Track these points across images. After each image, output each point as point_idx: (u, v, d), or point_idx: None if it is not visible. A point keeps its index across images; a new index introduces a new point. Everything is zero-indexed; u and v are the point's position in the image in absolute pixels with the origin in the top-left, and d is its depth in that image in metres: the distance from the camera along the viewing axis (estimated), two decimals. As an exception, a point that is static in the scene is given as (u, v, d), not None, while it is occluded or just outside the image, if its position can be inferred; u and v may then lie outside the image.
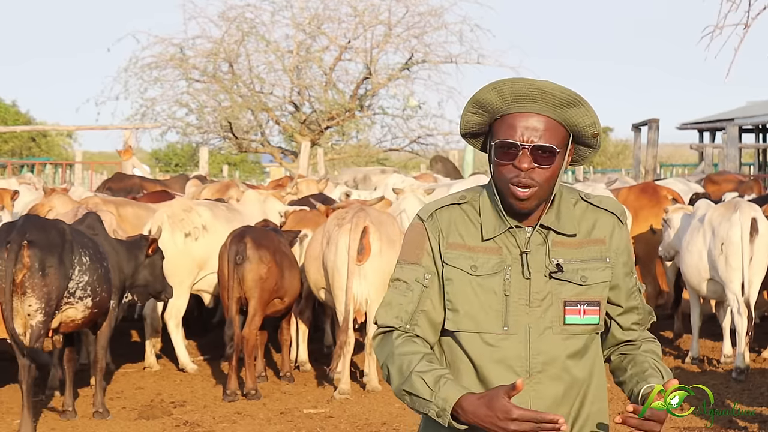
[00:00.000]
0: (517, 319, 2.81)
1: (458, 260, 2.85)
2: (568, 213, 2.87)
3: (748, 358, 9.54)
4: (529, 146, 2.77)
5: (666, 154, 51.67)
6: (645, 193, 12.01)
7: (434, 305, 2.86)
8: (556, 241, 2.85)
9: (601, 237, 2.89)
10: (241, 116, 30.23)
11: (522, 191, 2.77)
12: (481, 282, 2.83)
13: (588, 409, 2.93)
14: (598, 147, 2.90)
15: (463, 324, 2.84)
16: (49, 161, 34.64)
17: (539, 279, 2.82)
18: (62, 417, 8.25)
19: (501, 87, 2.79)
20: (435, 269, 2.87)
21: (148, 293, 8.93)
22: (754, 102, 37.22)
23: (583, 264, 2.85)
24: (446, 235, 2.88)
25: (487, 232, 2.85)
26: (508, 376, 2.79)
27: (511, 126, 2.79)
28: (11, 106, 48.51)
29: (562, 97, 2.78)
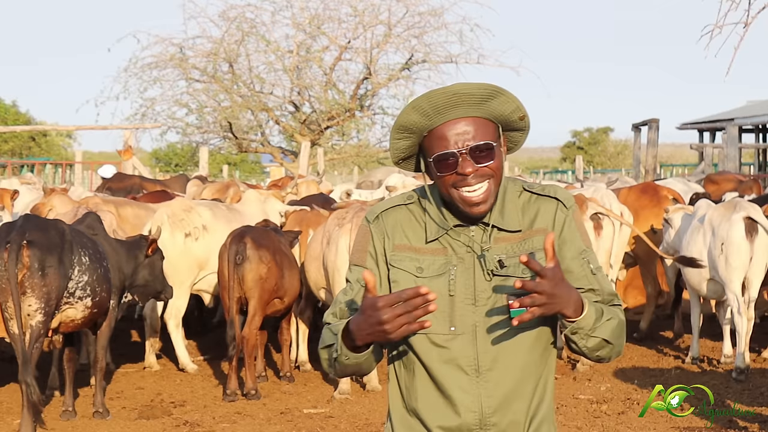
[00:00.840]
0: (464, 319, 2.81)
1: (404, 262, 2.86)
2: (512, 207, 2.87)
3: (749, 358, 9.54)
4: (466, 150, 2.77)
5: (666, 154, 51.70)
6: (645, 193, 12.01)
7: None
8: (499, 237, 2.84)
9: (543, 226, 2.87)
10: (241, 116, 30.22)
11: (474, 194, 2.78)
12: (426, 283, 2.82)
13: (547, 404, 2.88)
14: (528, 128, 2.91)
15: None
16: (49, 161, 34.64)
17: (482, 277, 2.82)
18: (62, 417, 8.25)
19: (419, 104, 2.78)
20: (377, 271, 2.88)
21: (148, 293, 8.93)
22: (754, 102, 37.24)
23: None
24: (392, 236, 2.89)
25: (431, 233, 2.86)
26: (458, 376, 2.80)
27: (441, 137, 2.79)
28: (11, 106, 48.52)
29: (480, 94, 2.78)
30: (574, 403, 8.72)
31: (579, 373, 9.92)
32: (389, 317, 2.60)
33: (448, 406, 2.83)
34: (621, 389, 9.19)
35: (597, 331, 2.75)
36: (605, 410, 8.43)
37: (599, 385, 9.40)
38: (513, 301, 2.64)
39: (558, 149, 61.84)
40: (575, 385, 9.47)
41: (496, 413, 2.81)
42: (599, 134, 57.50)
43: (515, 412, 2.82)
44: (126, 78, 29.74)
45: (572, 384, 9.55)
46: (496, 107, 2.81)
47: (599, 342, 2.77)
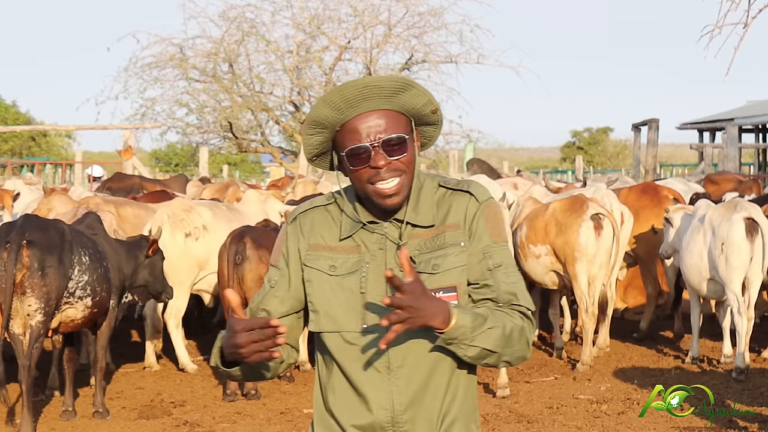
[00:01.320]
0: (375, 317, 2.79)
1: (318, 261, 2.87)
2: (427, 204, 2.86)
3: (748, 358, 9.54)
4: (378, 143, 2.77)
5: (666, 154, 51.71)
6: (646, 193, 12.01)
7: (278, 305, 2.89)
8: (413, 233, 2.83)
9: (455, 221, 2.85)
10: (241, 116, 30.21)
11: (387, 186, 2.77)
12: (339, 281, 2.83)
13: (460, 403, 2.85)
14: (441, 122, 2.91)
15: (324, 324, 2.86)
16: (49, 161, 34.64)
17: (396, 274, 2.76)
18: (62, 417, 8.25)
19: (330, 98, 2.78)
20: (288, 271, 2.90)
21: (148, 293, 8.93)
22: (753, 102, 37.23)
23: (437, 252, 2.82)
24: (308, 237, 2.89)
25: (345, 231, 2.86)
26: (370, 374, 2.80)
27: (353, 131, 2.79)
28: (11, 106, 48.52)
29: (391, 87, 2.78)
30: (574, 403, 8.73)
31: (579, 373, 9.93)
32: (244, 342, 2.63)
33: (361, 404, 2.83)
34: (621, 389, 9.19)
35: (476, 341, 2.70)
36: (605, 410, 8.43)
37: (599, 385, 9.40)
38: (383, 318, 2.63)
39: (558, 149, 61.85)
40: (575, 385, 9.47)
41: (408, 410, 2.80)
42: (599, 134, 57.50)
43: (427, 409, 2.81)
44: (126, 78, 29.75)
45: (572, 384, 9.55)
46: (408, 100, 2.81)
47: (480, 351, 2.72)
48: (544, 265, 10.34)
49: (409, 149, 2.81)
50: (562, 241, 10.10)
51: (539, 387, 9.51)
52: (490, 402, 8.88)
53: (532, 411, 8.53)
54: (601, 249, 10.03)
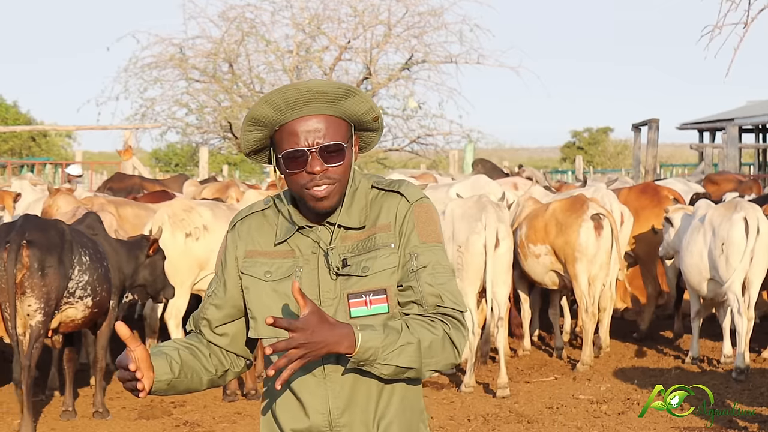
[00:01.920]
0: None
1: (254, 268, 2.87)
2: (359, 206, 2.85)
3: (748, 358, 9.54)
4: (316, 149, 2.76)
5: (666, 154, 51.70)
6: (646, 193, 12.01)
7: (215, 312, 2.92)
8: (345, 236, 2.83)
9: (386, 222, 2.83)
10: (241, 116, 30.21)
11: (319, 190, 2.76)
12: (275, 287, 2.83)
13: (397, 404, 2.82)
14: (381, 129, 2.91)
15: (262, 331, 2.86)
16: (49, 161, 34.64)
17: (327, 277, 2.80)
18: (62, 417, 8.25)
19: (272, 98, 2.76)
20: (224, 279, 2.91)
21: (148, 293, 8.92)
22: (753, 102, 37.23)
23: (368, 254, 2.80)
24: (245, 244, 2.90)
25: (280, 236, 2.86)
26: (306, 378, 2.80)
27: (292, 133, 2.77)
28: (12, 106, 48.53)
29: (334, 93, 2.77)
30: (574, 403, 8.73)
31: (579, 373, 9.93)
32: (119, 377, 2.73)
33: (299, 409, 2.83)
34: (621, 389, 9.19)
35: (388, 359, 2.66)
36: (605, 410, 8.43)
37: (599, 385, 9.40)
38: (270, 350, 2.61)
39: (558, 149, 61.84)
40: (575, 385, 9.47)
41: (344, 414, 2.79)
42: (599, 134, 57.49)
43: (363, 412, 2.80)
44: (126, 78, 29.75)
45: (572, 384, 9.55)
46: (349, 107, 2.80)
47: (395, 369, 2.68)
48: (544, 264, 10.34)
49: (346, 157, 2.80)
50: (562, 241, 10.10)
51: (539, 387, 9.51)
52: (490, 402, 8.88)
53: (532, 411, 8.53)
54: (601, 249, 10.03)
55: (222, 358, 2.96)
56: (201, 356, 2.92)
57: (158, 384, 2.78)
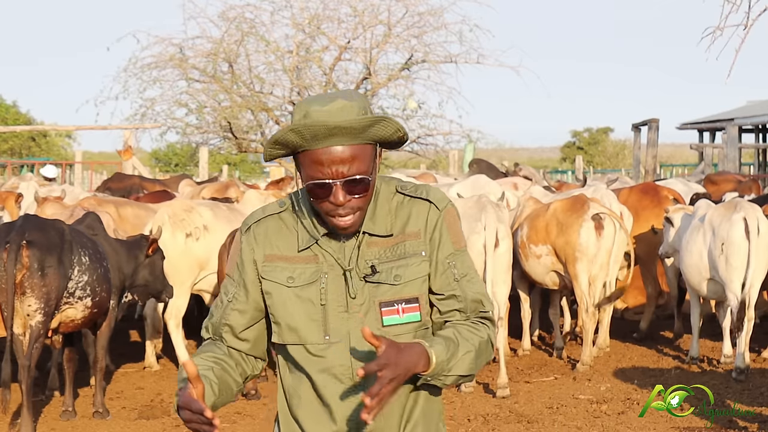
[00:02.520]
0: (338, 327, 2.79)
1: (275, 273, 2.83)
2: (384, 212, 2.83)
3: (748, 358, 9.54)
4: (341, 181, 2.72)
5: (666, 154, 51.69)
6: (646, 193, 12.01)
7: (239, 318, 2.90)
8: (372, 241, 2.80)
9: (415, 230, 2.82)
10: (240, 116, 30.21)
11: (344, 222, 2.74)
12: (298, 293, 2.81)
13: (422, 407, 2.86)
14: (406, 141, 2.89)
15: (287, 337, 2.84)
16: (49, 161, 34.64)
17: (356, 283, 2.78)
18: (62, 417, 8.25)
19: (299, 129, 2.72)
20: (244, 283, 2.87)
21: (148, 293, 8.92)
22: (754, 102, 37.22)
23: (398, 262, 2.79)
24: (263, 248, 2.85)
25: (303, 242, 2.82)
26: (335, 385, 2.80)
27: (318, 162, 2.72)
28: (11, 106, 48.52)
29: (361, 126, 2.72)
30: (574, 403, 8.73)
31: (579, 373, 9.93)
32: (185, 418, 2.65)
33: (325, 414, 2.83)
34: (621, 389, 9.19)
35: (453, 370, 2.73)
36: (605, 410, 8.43)
37: (599, 385, 9.40)
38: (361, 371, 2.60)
39: (558, 149, 61.84)
40: (575, 385, 9.47)
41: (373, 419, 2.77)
42: (599, 134, 57.49)
43: (390, 417, 2.81)
44: (126, 78, 29.72)
45: (572, 384, 9.55)
46: (376, 132, 2.76)
47: (456, 378, 2.76)
48: (545, 265, 10.34)
49: (370, 185, 2.76)
50: (562, 241, 10.10)
51: (539, 387, 9.51)
52: (490, 402, 8.88)
53: (532, 411, 8.53)
54: (601, 249, 10.03)
55: (244, 364, 2.95)
56: (229, 369, 2.93)
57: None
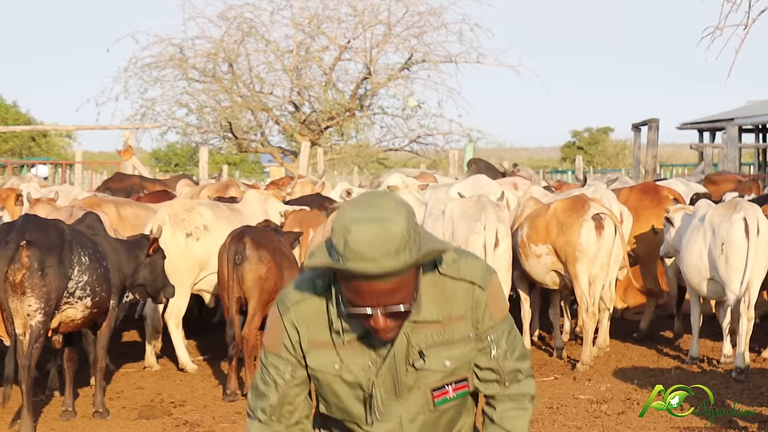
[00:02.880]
0: (388, 410, 2.82)
1: (320, 359, 2.81)
2: (429, 297, 2.80)
3: (748, 358, 9.54)
4: (383, 312, 2.68)
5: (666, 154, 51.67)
6: (646, 193, 12.00)
7: (300, 392, 2.87)
8: (418, 327, 2.79)
9: (462, 312, 2.82)
10: (240, 116, 30.21)
11: (384, 337, 2.73)
12: (346, 378, 2.81)
13: (467, 426, 2.96)
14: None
15: (335, 413, 2.87)
16: (49, 161, 34.63)
17: (403, 369, 2.79)
18: (62, 417, 8.24)
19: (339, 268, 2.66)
20: (296, 360, 2.84)
21: (148, 292, 8.92)
22: (754, 102, 37.22)
23: (447, 346, 2.81)
24: (306, 332, 2.81)
25: (345, 329, 2.79)
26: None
27: (357, 290, 2.66)
28: (11, 106, 48.51)
29: (407, 269, 2.66)
30: (574, 403, 8.72)
31: (579, 373, 9.92)
32: None
33: None
34: (621, 389, 9.18)
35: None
36: (605, 410, 8.42)
37: (599, 385, 9.39)
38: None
39: (558, 149, 61.83)
40: (575, 385, 9.46)
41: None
42: (599, 134, 57.49)
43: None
44: (126, 78, 29.76)
45: (572, 384, 9.54)
46: (422, 262, 2.72)
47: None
48: (545, 264, 10.34)
49: (413, 306, 2.73)
50: (563, 241, 10.10)
51: (539, 387, 9.48)
52: (490, 402, 8.87)
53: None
54: (602, 249, 10.03)
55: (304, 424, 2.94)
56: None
57: None
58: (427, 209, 10.74)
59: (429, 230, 11.01)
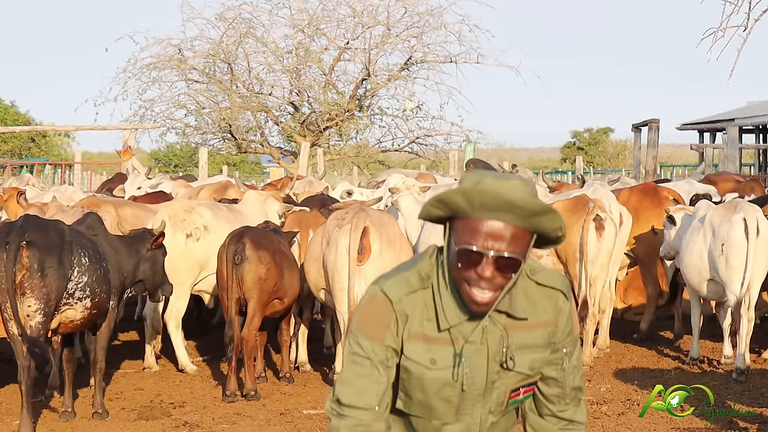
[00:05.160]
0: (471, 410, 2.84)
1: (416, 352, 2.82)
2: (518, 294, 2.84)
3: (749, 359, 9.53)
4: (494, 256, 2.73)
5: (666, 154, 51.68)
6: (646, 194, 12.00)
7: (392, 380, 2.87)
8: (509, 325, 2.83)
9: (549, 319, 2.88)
10: (240, 117, 30.20)
11: (482, 297, 2.74)
12: (438, 375, 2.82)
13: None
14: (561, 242, 2.90)
15: (415, 410, 2.86)
16: (49, 161, 34.63)
17: (494, 367, 2.83)
18: (61, 417, 8.24)
19: (470, 195, 2.72)
20: (396, 350, 2.83)
21: (146, 288, 8.89)
22: (754, 102, 37.24)
23: (533, 350, 2.86)
24: (410, 323, 2.83)
25: (444, 323, 2.81)
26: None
27: (475, 230, 2.73)
28: (10, 106, 48.51)
29: (530, 209, 2.74)
30: (574, 404, 8.71)
31: (579, 373, 9.91)
32: None
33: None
34: (621, 390, 9.18)
35: None
36: (605, 411, 8.42)
37: (599, 385, 9.39)
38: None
39: (558, 150, 61.83)
40: (575, 386, 9.45)
41: None
42: (599, 135, 57.50)
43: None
44: (125, 79, 29.74)
45: (572, 385, 9.53)
46: (540, 222, 2.79)
47: None
48: (545, 265, 10.33)
49: (520, 268, 2.78)
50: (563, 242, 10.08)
51: (539, 388, 9.49)
52: (490, 403, 8.86)
53: (532, 412, 8.50)
54: (602, 249, 10.02)
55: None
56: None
57: None
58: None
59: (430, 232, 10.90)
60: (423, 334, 2.81)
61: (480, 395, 2.82)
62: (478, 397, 2.82)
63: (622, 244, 10.71)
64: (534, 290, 2.87)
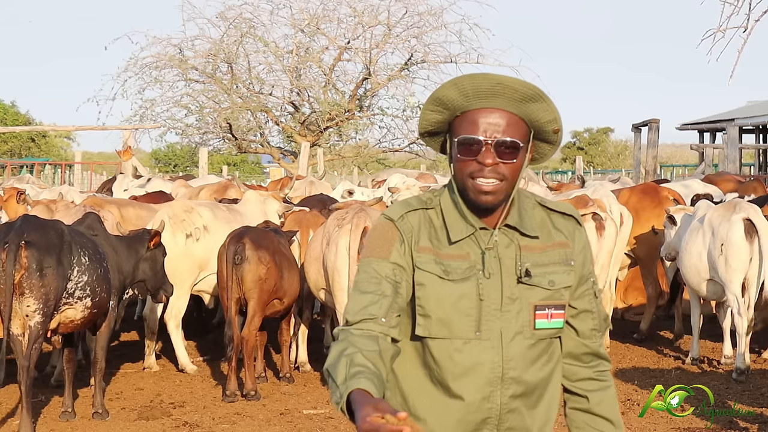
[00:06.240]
0: (490, 324, 2.78)
1: (429, 264, 2.80)
2: (528, 215, 2.85)
3: (749, 359, 9.53)
4: (493, 142, 2.75)
5: (666, 154, 51.71)
6: (646, 194, 12.00)
7: (403, 300, 2.79)
8: (522, 244, 2.82)
9: (563, 240, 2.87)
10: (240, 117, 30.19)
11: (486, 183, 2.75)
12: (453, 287, 2.78)
13: (555, 411, 2.92)
14: (558, 143, 2.89)
15: (435, 330, 2.80)
16: (49, 162, 34.64)
17: (510, 282, 2.80)
18: (61, 418, 8.24)
19: (461, 83, 2.76)
20: (404, 266, 2.80)
21: (147, 288, 8.89)
22: (754, 102, 37.24)
23: (550, 267, 2.83)
24: (417, 238, 2.82)
25: (454, 235, 2.81)
26: (478, 383, 2.78)
27: (472, 122, 2.77)
28: (10, 106, 48.53)
29: (524, 92, 2.75)
30: (574, 404, 8.70)
31: (579, 373, 9.91)
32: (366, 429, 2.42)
33: (459, 411, 2.81)
34: (621, 389, 9.18)
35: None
36: (605, 411, 8.40)
37: (599, 385, 9.38)
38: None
39: (558, 149, 61.80)
40: (575, 386, 9.45)
41: (510, 417, 2.82)
42: (599, 135, 57.52)
43: (533, 416, 2.86)
44: (125, 79, 29.73)
45: (572, 385, 9.53)
46: (535, 111, 2.78)
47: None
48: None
49: (519, 157, 2.78)
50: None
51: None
52: (490, 403, 8.86)
53: (532, 412, 8.50)
54: (602, 249, 10.02)
55: (391, 353, 2.77)
56: (383, 369, 2.70)
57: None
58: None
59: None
60: (432, 249, 2.81)
61: (498, 310, 2.78)
62: (496, 311, 2.78)
63: (623, 244, 10.72)
64: (545, 214, 2.88)
